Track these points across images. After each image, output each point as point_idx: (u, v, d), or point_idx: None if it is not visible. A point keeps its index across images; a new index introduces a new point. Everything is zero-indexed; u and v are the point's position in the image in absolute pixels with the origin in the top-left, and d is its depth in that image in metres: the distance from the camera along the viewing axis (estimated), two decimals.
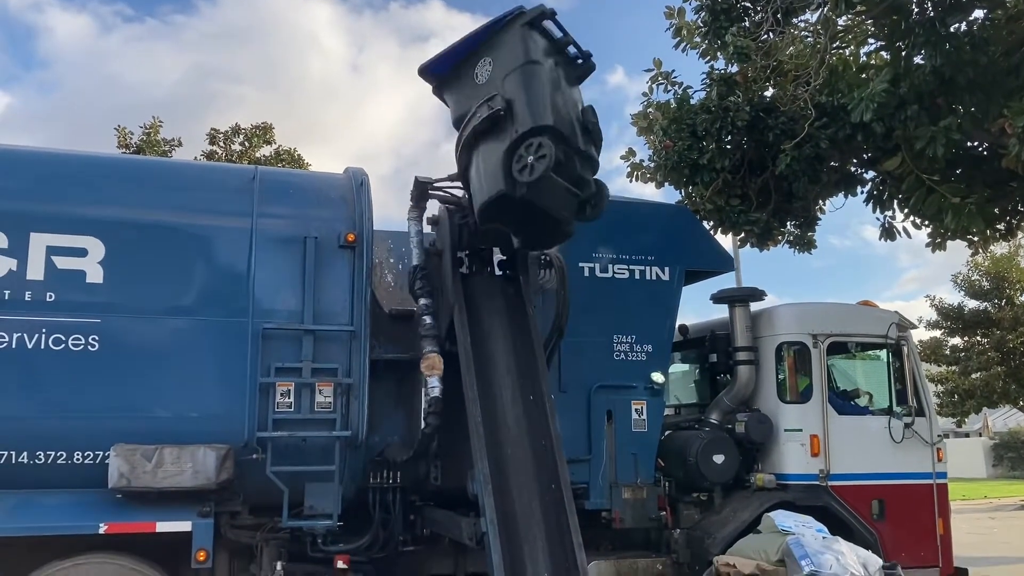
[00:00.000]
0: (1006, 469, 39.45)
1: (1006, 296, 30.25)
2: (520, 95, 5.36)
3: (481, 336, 5.99)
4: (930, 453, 7.66)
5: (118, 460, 5.32)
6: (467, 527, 5.68)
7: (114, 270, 5.64)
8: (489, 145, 5.48)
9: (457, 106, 5.83)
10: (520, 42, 5.48)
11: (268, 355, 5.75)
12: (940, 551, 7.53)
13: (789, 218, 10.29)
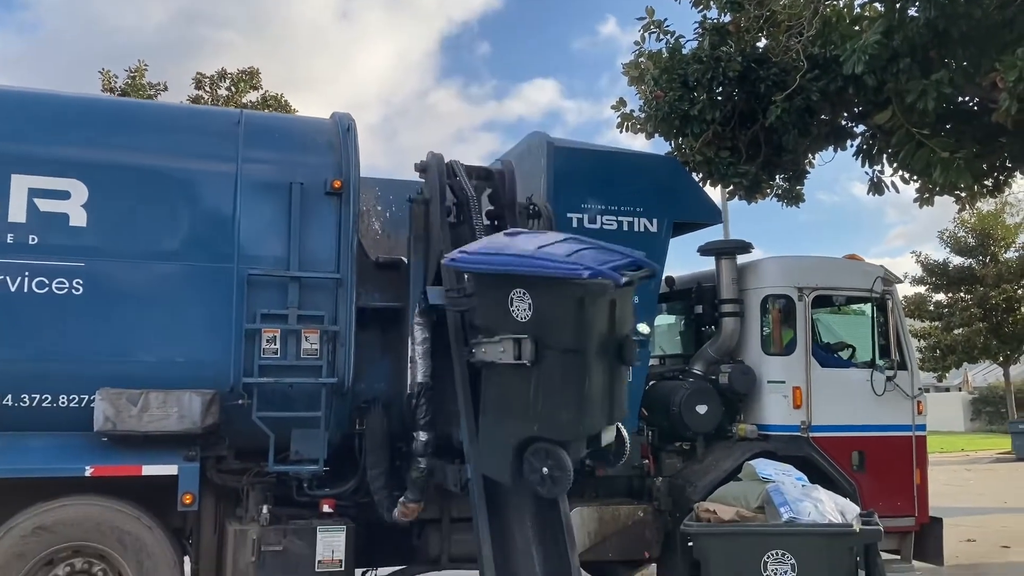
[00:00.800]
0: (984, 423, 40.20)
1: (991, 253, 30.52)
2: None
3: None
4: (910, 406, 7.77)
5: (103, 404, 5.31)
6: (452, 474, 5.77)
7: (98, 213, 5.56)
8: (503, 391, 4.92)
9: (483, 312, 5.12)
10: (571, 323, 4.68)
11: (253, 301, 5.72)
12: (916, 501, 7.68)
13: (778, 171, 10.28)
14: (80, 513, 5.33)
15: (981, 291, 29.32)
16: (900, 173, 9.19)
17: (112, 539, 5.35)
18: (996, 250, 30.46)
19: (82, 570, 5.38)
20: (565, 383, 4.53)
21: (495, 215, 6.45)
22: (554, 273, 4.48)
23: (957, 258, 31.47)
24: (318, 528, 5.78)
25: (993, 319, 29.04)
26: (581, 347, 4.48)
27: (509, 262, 4.69)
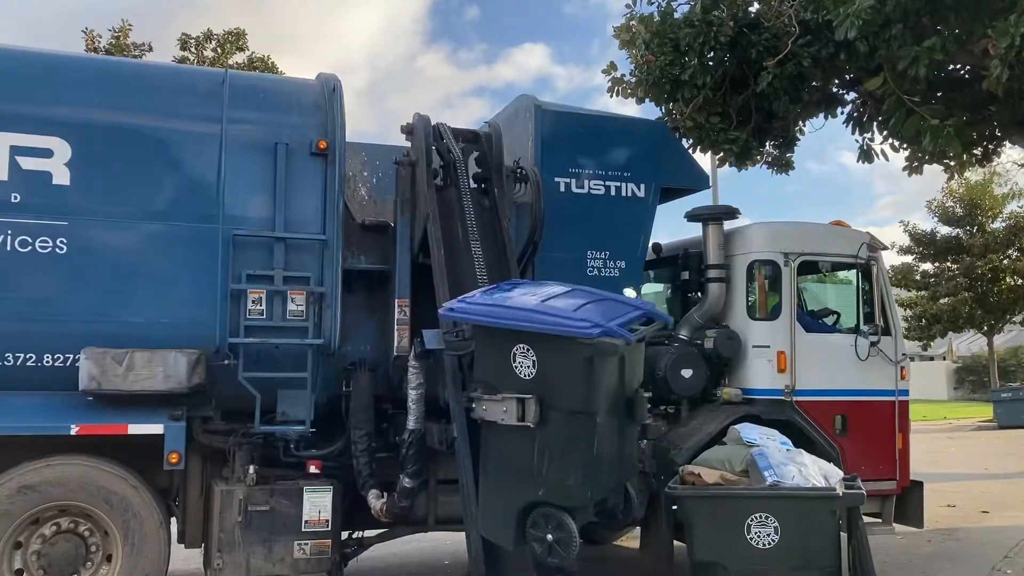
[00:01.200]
0: (966, 392, 40.68)
1: (978, 223, 30.67)
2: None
3: (455, 249, 5.98)
4: (894, 372, 7.82)
5: (88, 363, 5.30)
6: (438, 432, 5.81)
7: (81, 172, 5.51)
8: (506, 452, 4.70)
9: (481, 364, 4.94)
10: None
11: (239, 262, 5.70)
12: (898, 465, 7.77)
13: (768, 138, 10.24)
14: (66, 472, 5.34)
15: (967, 261, 29.51)
16: (890, 141, 9.18)
17: (98, 499, 5.36)
18: (983, 220, 30.61)
19: (68, 529, 5.40)
20: (572, 446, 4.28)
21: (482, 178, 6.42)
22: (562, 332, 4.21)
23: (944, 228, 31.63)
24: (305, 488, 5.81)
25: (978, 289, 29.26)
26: (590, 409, 4.24)
27: (513, 316, 4.44)
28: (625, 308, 4.63)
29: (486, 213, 6.26)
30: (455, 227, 6.07)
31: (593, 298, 4.75)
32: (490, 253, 6.08)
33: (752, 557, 4.58)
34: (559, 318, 4.29)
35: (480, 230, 6.11)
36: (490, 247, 6.10)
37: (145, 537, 5.43)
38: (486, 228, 6.15)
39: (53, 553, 5.34)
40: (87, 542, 5.44)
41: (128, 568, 5.38)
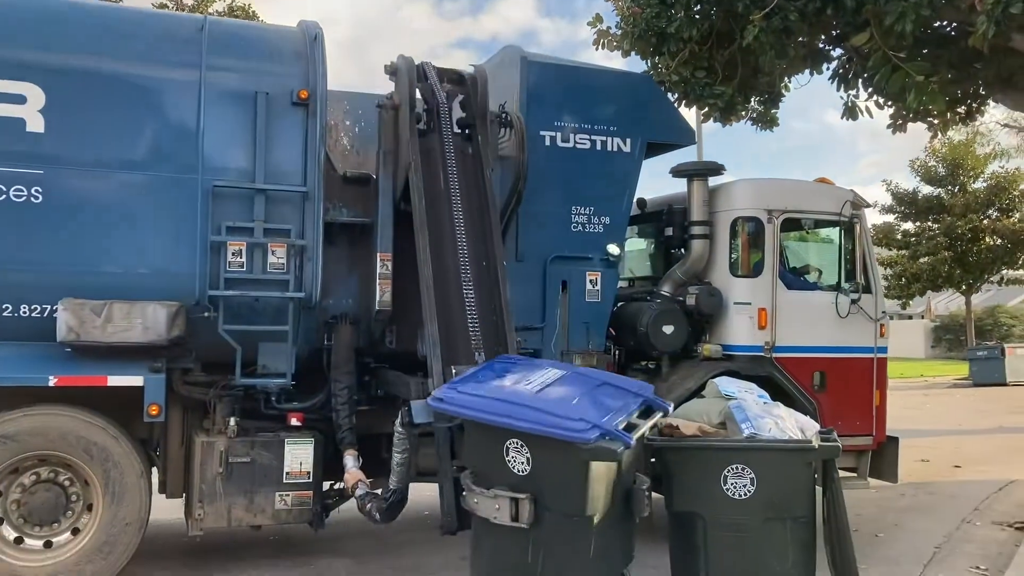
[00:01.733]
0: (943, 350, 41.31)
1: (960, 183, 30.86)
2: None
3: (436, 197, 5.89)
4: (873, 329, 7.90)
5: (66, 314, 5.23)
6: (415, 386, 5.77)
7: (56, 120, 5.38)
8: (498, 552, 4.43)
9: (473, 453, 4.62)
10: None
11: (219, 213, 5.62)
12: (875, 421, 7.89)
13: (754, 93, 10.18)
14: (45, 423, 5.31)
15: (948, 220, 29.77)
16: (875, 98, 9.15)
17: (78, 449, 5.34)
18: (965, 180, 30.81)
19: (48, 479, 5.39)
20: (568, 548, 4.14)
21: (465, 124, 6.31)
22: (557, 436, 4.01)
23: (927, 187, 31.80)
24: (286, 440, 5.82)
25: (958, 248, 29.57)
26: (586, 512, 4.08)
27: (507, 413, 4.20)
28: (624, 398, 4.45)
29: (468, 161, 6.14)
30: (436, 176, 5.97)
31: (589, 386, 4.56)
32: (472, 204, 5.99)
33: (728, 507, 4.58)
34: (555, 417, 4.09)
35: (462, 179, 6.01)
36: (472, 197, 6.01)
37: (125, 487, 5.42)
38: (468, 177, 6.05)
39: (33, 502, 5.35)
40: (67, 491, 5.44)
41: (109, 517, 5.39)
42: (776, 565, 4.57)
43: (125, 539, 5.43)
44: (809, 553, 4.69)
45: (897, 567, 6.61)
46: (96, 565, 5.35)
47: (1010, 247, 29.24)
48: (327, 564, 6.47)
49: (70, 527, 5.44)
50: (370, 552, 6.78)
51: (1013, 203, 29.93)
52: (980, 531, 7.91)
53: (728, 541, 4.59)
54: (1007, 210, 29.96)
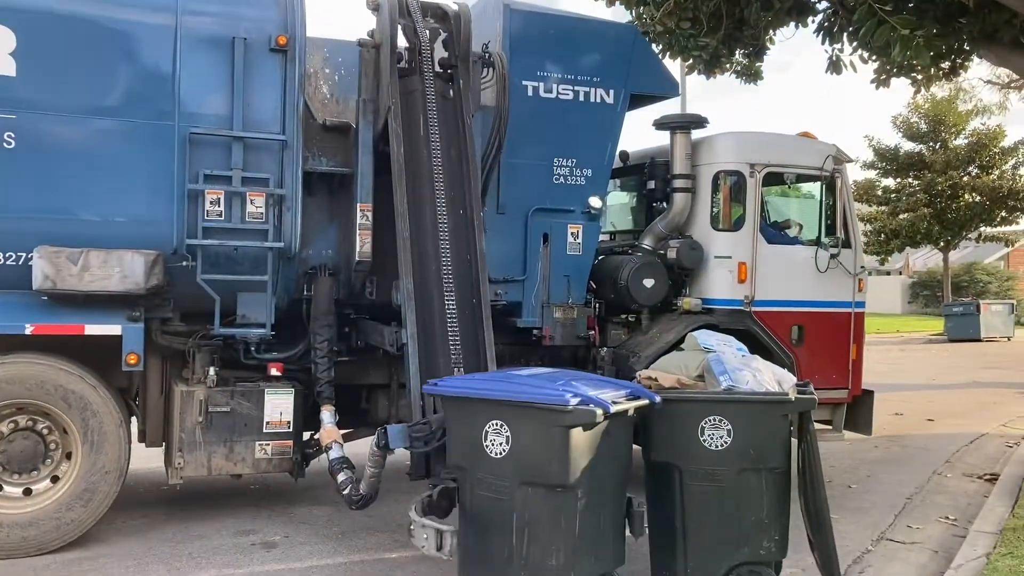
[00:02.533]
0: (920, 306, 41.86)
1: (941, 139, 30.97)
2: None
3: (415, 143, 5.84)
4: (851, 283, 7.97)
5: (42, 262, 5.18)
6: (388, 335, 5.86)
7: (27, 63, 5.26)
8: (483, 536, 4.37)
9: (453, 445, 4.58)
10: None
11: (196, 161, 5.56)
12: (851, 374, 8.01)
13: (738, 45, 10.11)
14: (22, 371, 5.29)
15: (928, 177, 29.93)
16: (859, 52, 9.12)
17: (56, 397, 5.34)
18: (947, 137, 30.92)
19: (26, 427, 5.40)
20: (553, 524, 4.10)
21: (448, 65, 6.21)
22: (538, 400, 4.08)
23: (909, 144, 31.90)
24: (266, 390, 5.84)
25: (937, 205, 29.82)
26: (569, 482, 4.05)
27: (489, 387, 4.33)
28: (609, 385, 4.58)
29: (449, 105, 6.07)
30: (416, 121, 5.90)
31: (575, 375, 4.76)
32: (450, 150, 5.94)
33: (705, 458, 4.64)
34: (535, 388, 4.21)
35: (442, 125, 5.94)
36: (451, 143, 5.95)
37: (104, 435, 5.44)
38: (448, 123, 5.99)
39: (11, 450, 5.36)
40: (46, 440, 5.45)
41: (87, 466, 5.42)
42: (751, 514, 4.65)
43: (105, 487, 5.46)
44: (783, 503, 4.77)
45: (869, 517, 6.73)
46: (76, 512, 5.40)
47: (988, 204, 29.55)
48: (307, 512, 6.56)
49: (49, 475, 5.46)
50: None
51: (993, 160, 30.17)
52: (951, 483, 8.10)
53: (704, 491, 4.67)
54: (987, 167, 30.21)
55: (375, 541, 5.88)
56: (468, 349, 5.54)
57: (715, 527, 4.66)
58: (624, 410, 4.29)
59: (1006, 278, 40.38)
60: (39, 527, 5.32)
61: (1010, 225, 31.72)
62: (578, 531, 4.13)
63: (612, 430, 4.25)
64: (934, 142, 30.96)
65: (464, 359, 5.53)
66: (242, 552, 5.60)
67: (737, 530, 4.65)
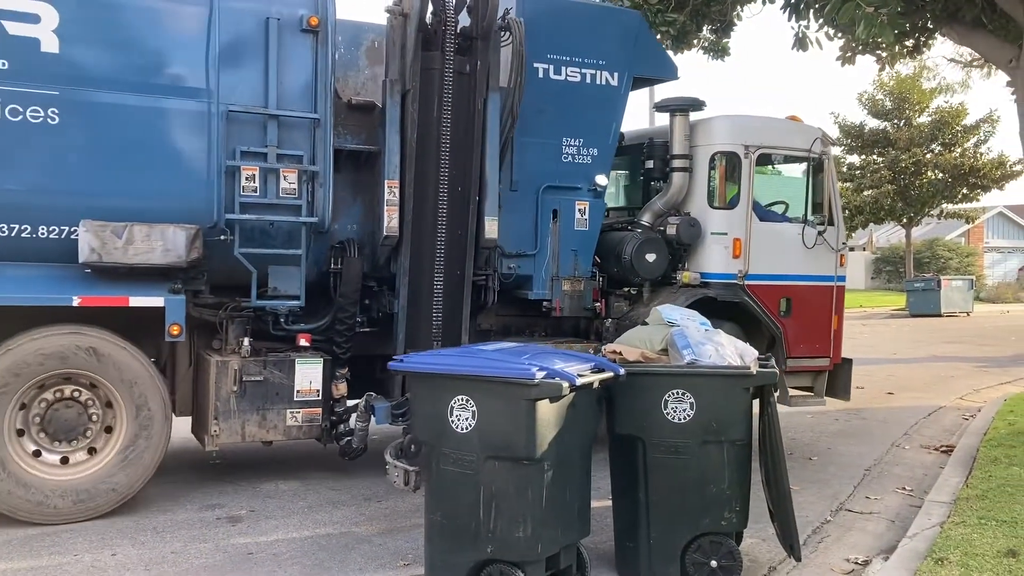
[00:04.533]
0: (883, 281, 43.12)
1: (905, 117, 31.99)
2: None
3: (427, 124, 6.33)
4: (834, 259, 8.64)
5: (88, 235, 5.46)
6: (383, 300, 6.55)
7: (71, 40, 5.53)
8: (452, 508, 4.49)
9: (419, 421, 4.72)
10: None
11: (233, 138, 5.88)
12: (832, 344, 8.70)
13: (706, 22, 10.44)
14: (69, 342, 5.56)
15: (892, 154, 30.92)
16: (825, 29, 9.41)
17: (107, 368, 5.62)
18: (911, 114, 31.93)
19: (70, 397, 5.68)
20: (520, 496, 4.20)
21: (469, 36, 6.58)
22: (503, 374, 4.18)
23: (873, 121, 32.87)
24: (296, 360, 6.22)
25: (901, 182, 30.83)
26: (535, 455, 4.15)
27: (453, 363, 4.42)
28: (575, 359, 4.68)
29: (464, 82, 6.49)
30: (431, 99, 6.34)
31: (541, 350, 4.94)
32: (458, 130, 6.45)
33: (668, 431, 4.73)
34: (501, 363, 4.31)
35: (455, 103, 6.40)
36: (460, 123, 6.45)
37: (150, 407, 5.74)
38: (461, 100, 6.43)
39: (56, 417, 5.64)
40: (88, 411, 5.72)
41: (131, 435, 5.71)
42: (712, 486, 4.77)
43: (148, 456, 5.78)
44: (744, 475, 4.88)
45: (828, 488, 6.99)
46: (119, 479, 5.70)
47: (950, 181, 30.68)
48: (273, 486, 6.70)
49: (86, 446, 5.74)
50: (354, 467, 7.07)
51: (955, 138, 31.30)
52: (908, 454, 8.47)
53: (667, 463, 4.77)
54: (949, 145, 31.34)
55: (341, 515, 5.98)
56: (448, 323, 6.25)
57: (678, 499, 4.78)
58: (589, 383, 4.39)
59: (967, 254, 41.83)
60: (79, 495, 5.59)
61: (971, 202, 33.00)
62: (544, 503, 4.23)
63: (578, 403, 4.37)
64: (898, 119, 31.97)
65: (443, 333, 6.24)
66: (207, 526, 5.68)
67: (699, 501, 4.77)
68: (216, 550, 5.25)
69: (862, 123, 32.67)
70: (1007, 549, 4.85)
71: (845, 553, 5.42)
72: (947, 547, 4.96)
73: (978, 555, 4.80)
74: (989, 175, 30.42)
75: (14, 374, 5.43)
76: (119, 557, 5.09)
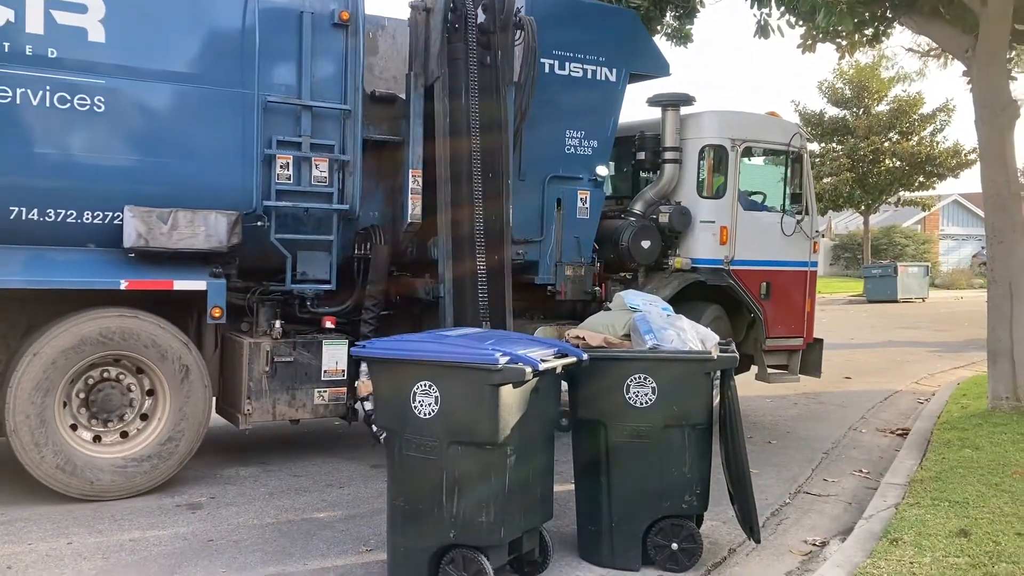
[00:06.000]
0: (841, 268, 44.52)
1: (864, 105, 33.22)
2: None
3: (456, 113, 6.79)
4: (808, 246, 9.49)
5: (135, 221, 5.86)
6: (423, 286, 6.95)
7: (117, 30, 5.89)
8: (414, 492, 4.54)
9: (381, 408, 4.75)
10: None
11: (269, 127, 6.33)
12: (806, 325, 9.58)
13: (668, 6, 10.90)
14: (117, 324, 5.94)
15: (852, 142, 32.12)
16: (786, 17, 9.80)
17: (154, 352, 6.03)
18: (870, 103, 33.16)
19: (114, 378, 6.08)
20: (483, 482, 4.28)
21: (486, 31, 7.08)
22: (467, 360, 4.26)
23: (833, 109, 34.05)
24: (323, 341, 6.72)
25: (859, 170, 32.05)
26: (499, 440, 4.23)
27: (416, 349, 4.49)
28: (538, 344, 4.81)
29: (487, 73, 7.00)
30: (459, 89, 6.82)
31: (504, 336, 5.10)
32: (485, 119, 6.93)
33: (630, 415, 4.85)
34: (464, 348, 4.41)
35: (481, 92, 6.90)
36: (487, 112, 6.93)
37: (192, 390, 6.16)
38: (486, 90, 6.95)
39: (100, 398, 6.03)
40: (132, 390, 6.11)
41: (175, 417, 6.11)
42: (673, 470, 4.90)
43: (189, 436, 6.17)
44: (705, 458, 5.04)
45: (787, 471, 7.22)
46: (159, 461, 6.11)
47: (908, 169, 32.02)
48: (234, 472, 6.81)
49: (120, 429, 6.10)
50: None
51: (913, 127, 32.64)
52: (865, 438, 8.81)
53: (629, 447, 4.89)
54: (907, 133, 32.67)
55: (304, 501, 6.08)
56: (494, 304, 6.58)
57: (639, 482, 4.89)
58: (552, 368, 4.48)
59: (923, 241, 43.57)
60: (127, 471, 5.98)
61: (927, 190, 34.46)
62: (507, 488, 4.30)
63: (541, 387, 4.46)
64: (857, 108, 33.20)
65: (490, 313, 6.58)
66: (167, 513, 5.70)
67: (660, 485, 4.89)
68: (175, 537, 5.27)
69: (822, 111, 33.85)
70: (959, 529, 5.03)
71: (803, 535, 5.59)
72: (902, 528, 5.12)
73: (931, 535, 4.95)
74: (945, 163, 31.83)
75: (73, 348, 5.80)
76: (75, 546, 5.08)
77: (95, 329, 5.90)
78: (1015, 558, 4.59)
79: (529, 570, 4.75)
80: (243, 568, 4.83)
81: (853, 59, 28.69)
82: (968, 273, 39.85)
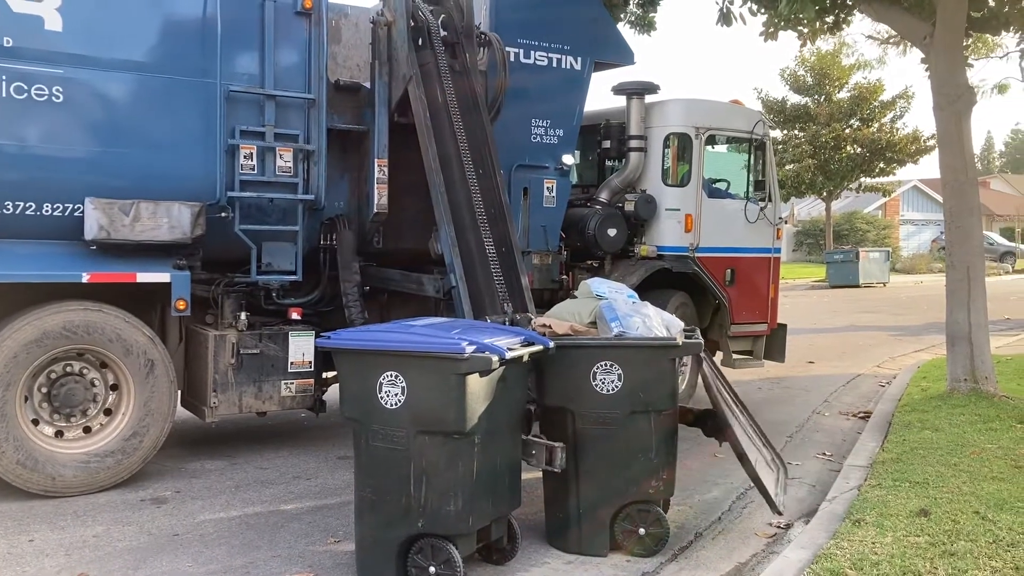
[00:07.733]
0: (804, 254, 45.15)
1: (825, 92, 33.67)
2: None
3: (436, 109, 6.77)
4: (772, 232, 9.64)
5: (96, 213, 5.80)
6: (430, 282, 6.81)
7: (75, 18, 5.80)
8: (380, 482, 4.50)
9: (346, 399, 4.68)
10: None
11: (233, 117, 6.29)
12: (769, 310, 9.76)
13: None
14: (81, 317, 5.89)
15: (813, 129, 32.58)
16: (748, 4, 9.80)
17: (118, 347, 5.97)
18: (831, 90, 33.62)
19: (77, 372, 6.01)
20: (451, 471, 4.29)
21: (450, 42, 7.11)
22: (434, 350, 4.27)
23: (795, 96, 34.47)
24: (290, 333, 6.71)
25: (821, 156, 32.52)
26: (466, 429, 4.25)
27: (382, 339, 4.46)
28: (505, 332, 4.84)
29: (459, 77, 7.01)
30: (435, 89, 6.81)
31: (471, 325, 5.10)
32: (467, 116, 6.88)
33: (597, 402, 4.89)
34: (430, 338, 4.41)
35: (457, 93, 6.88)
36: (467, 110, 6.90)
37: (158, 385, 6.12)
38: (461, 92, 6.93)
39: (63, 393, 5.96)
40: (95, 385, 6.06)
41: (140, 412, 6.07)
42: (640, 455, 4.95)
43: (154, 431, 6.14)
44: (671, 444, 5.11)
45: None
46: (123, 456, 6.06)
47: (868, 156, 32.54)
48: (199, 465, 6.77)
49: (83, 425, 6.05)
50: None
51: (873, 114, 33.16)
52: (828, 421, 8.93)
53: (596, 433, 4.92)
54: (867, 120, 33.18)
55: (270, 493, 6.05)
56: (509, 282, 6.44)
57: (606, 468, 4.94)
58: (519, 356, 4.51)
59: (883, 227, 44.28)
60: (89, 467, 5.91)
61: (888, 176, 35.05)
62: (475, 476, 4.32)
63: (507, 376, 4.48)
64: (819, 95, 33.65)
65: (508, 293, 6.37)
66: (131, 508, 5.65)
67: (627, 471, 4.94)
68: (140, 532, 5.22)
69: (784, 99, 34.25)
70: (919, 509, 5.12)
71: (768, 518, 5.61)
72: (864, 509, 5.20)
73: (893, 515, 5.03)
74: (904, 150, 32.39)
75: (35, 341, 5.74)
76: (37, 543, 5.01)
77: (58, 323, 5.84)
78: (973, 536, 4.71)
79: (498, 558, 4.80)
80: (209, 561, 4.80)
81: (814, 47, 29.05)
82: (928, 258, 40.58)
